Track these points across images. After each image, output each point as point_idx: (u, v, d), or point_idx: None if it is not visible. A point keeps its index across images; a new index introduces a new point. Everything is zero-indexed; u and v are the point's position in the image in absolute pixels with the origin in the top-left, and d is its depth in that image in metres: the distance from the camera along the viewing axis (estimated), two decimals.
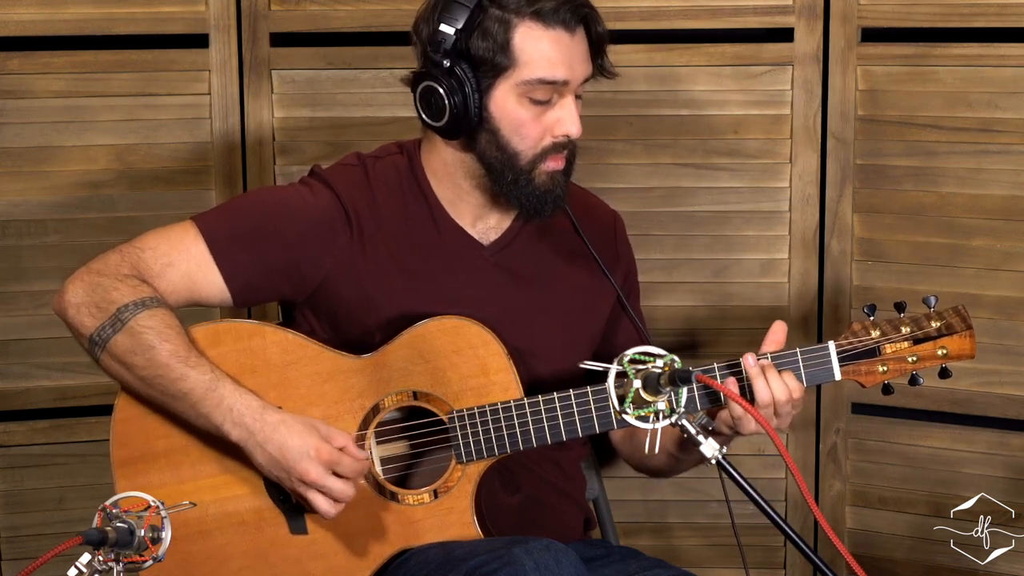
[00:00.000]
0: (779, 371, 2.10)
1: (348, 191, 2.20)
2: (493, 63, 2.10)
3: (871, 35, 2.77)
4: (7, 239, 2.88)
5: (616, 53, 2.77)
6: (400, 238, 2.21)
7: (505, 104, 2.12)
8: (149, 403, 2.14)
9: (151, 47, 2.87)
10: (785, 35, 2.80)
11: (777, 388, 2.08)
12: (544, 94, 2.12)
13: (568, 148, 2.17)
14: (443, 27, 2.09)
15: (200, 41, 2.87)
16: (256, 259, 2.17)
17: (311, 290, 2.20)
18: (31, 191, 2.88)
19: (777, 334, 2.14)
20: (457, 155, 2.19)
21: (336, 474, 2.06)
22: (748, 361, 2.08)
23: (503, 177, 2.16)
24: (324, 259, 2.18)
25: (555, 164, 2.16)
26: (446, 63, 2.09)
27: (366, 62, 2.87)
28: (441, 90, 2.10)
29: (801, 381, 2.11)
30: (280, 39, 2.88)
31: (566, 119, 2.14)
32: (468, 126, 2.13)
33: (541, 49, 2.10)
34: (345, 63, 2.88)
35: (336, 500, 2.07)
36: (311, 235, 2.18)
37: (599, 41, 2.17)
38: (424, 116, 2.15)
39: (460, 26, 2.09)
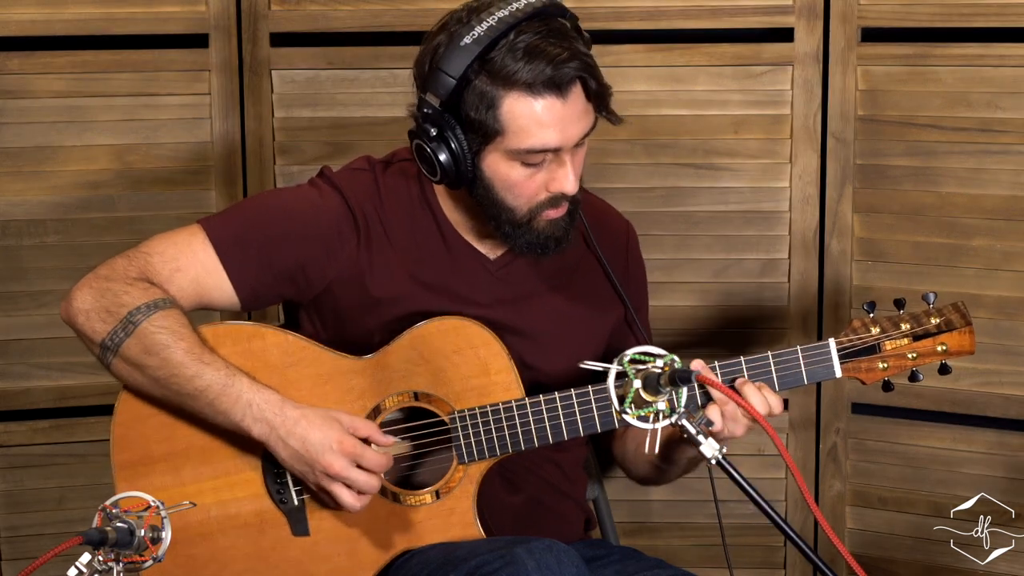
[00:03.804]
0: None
1: (357, 196, 2.19)
2: (483, 130, 2.05)
3: (871, 35, 2.77)
4: (7, 239, 2.88)
5: (616, 53, 2.80)
6: (407, 247, 2.20)
7: (497, 168, 2.09)
8: (150, 406, 2.14)
9: (151, 47, 2.87)
10: (785, 35, 2.80)
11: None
12: (537, 158, 2.07)
13: (568, 199, 2.12)
14: (430, 96, 2.05)
15: (200, 41, 2.86)
16: (263, 264, 2.16)
17: (316, 293, 2.19)
18: (31, 191, 2.88)
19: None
20: (458, 196, 2.18)
21: (360, 467, 2.06)
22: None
23: (501, 226, 2.13)
24: (331, 264, 2.18)
25: (555, 214, 2.12)
26: (433, 131, 2.06)
27: (366, 62, 2.87)
28: (429, 151, 2.07)
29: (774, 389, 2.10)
30: (280, 39, 2.87)
31: (561, 179, 2.08)
32: (462, 183, 2.10)
33: (531, 118, 2.03)
34: (345, 63, 2.88)
35: (360, 492, 2.07)
36: (319, 240, 2.17)
37: (598, 94, 2.07)
38: (421, 169, 2.13)
39: (445, 99, 2.03)
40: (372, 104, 2.87)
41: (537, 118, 2.03)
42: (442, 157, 2.07)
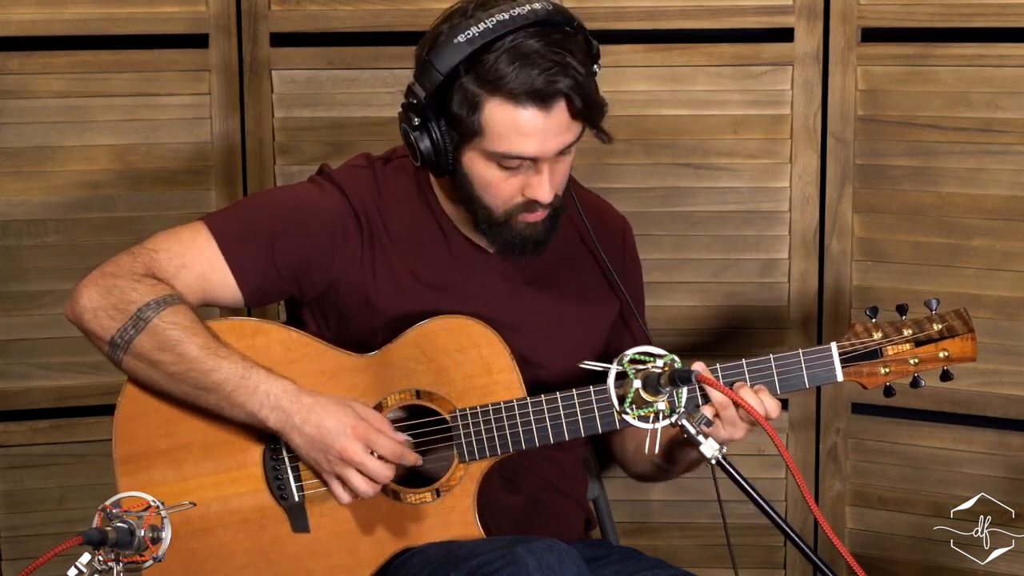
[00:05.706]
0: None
1: (358, 193, 2.20)
2: (464, 128, 2.04)
3: (871, 35, 2.77)
4: (7, 239, 2.88)
5: (616, 53, 2.80)
6: (407, 243, 2.20)
7: (474, 165, 2.08)
8: (153, 401, 2.14)
9: (151, 47, 2.87)
10: (785, 35, 2.80)
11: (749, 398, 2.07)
12: (513, 163, 2.06)
13: (547, 205, 2.10)
14: (417, 88, 2.05)
15: (200, 41, 2.87)
16: (267, 261, 2.16)
17: (320, 291, 2.20)
18: (31, 191, 2.88)
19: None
20: (445, 186, 2.18)
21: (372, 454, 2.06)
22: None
23: (479, 222, 2.13)
24: (335, 261, 2.18)
25: (532, 217, 2.11)
26: (416, 120, 2.06)
27: (366, 62, 2.87)
28: (412, 138, 2.07)
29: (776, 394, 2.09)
30: (280, 39, 2.88)
31: (536, 186, 2.07)
32: (443, 173, 2.11)
33: (510, 125, 2.03)
34: (345, 63, 2.88)
35: (374, 481, 2.07)
36: (323, 237, 2.17)
37: (586, 113, 2.04)
38: (410, 155, 2.13)
39: (432, 91, 2.03)
40: (372, 104, 2.88)
41: (517, 127, 2.03)
42: (423, 146, 2.07)
